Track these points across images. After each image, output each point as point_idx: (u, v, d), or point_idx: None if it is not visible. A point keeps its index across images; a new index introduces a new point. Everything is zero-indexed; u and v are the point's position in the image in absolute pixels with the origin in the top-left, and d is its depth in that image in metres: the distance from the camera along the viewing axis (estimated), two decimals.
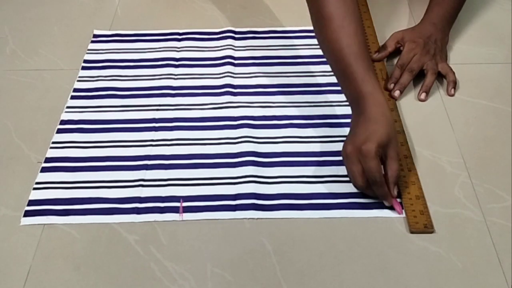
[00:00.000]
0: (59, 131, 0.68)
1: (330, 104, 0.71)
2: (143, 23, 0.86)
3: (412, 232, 0.56)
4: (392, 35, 0.78)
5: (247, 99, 0.72)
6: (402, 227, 0.57)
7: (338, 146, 0.64)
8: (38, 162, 0.64)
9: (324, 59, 0.75)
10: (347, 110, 0.69)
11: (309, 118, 0.69)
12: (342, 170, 0.62)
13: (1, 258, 0.56)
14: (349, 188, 0.61)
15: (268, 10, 0.88)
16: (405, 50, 0.74)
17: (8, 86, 0.76)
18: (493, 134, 0.67)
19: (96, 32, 0.84)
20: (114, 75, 0.76)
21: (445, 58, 0.75)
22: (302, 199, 0.60)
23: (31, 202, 0.60)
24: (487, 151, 0.65)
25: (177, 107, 0.71)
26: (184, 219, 0.59)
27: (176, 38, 0.82)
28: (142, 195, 0.61)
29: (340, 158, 0.62)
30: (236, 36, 0.82)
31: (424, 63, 0.72)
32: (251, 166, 0.63)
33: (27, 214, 0.59)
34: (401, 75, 0.72)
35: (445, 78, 0.73)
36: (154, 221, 0.58)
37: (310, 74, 0.75)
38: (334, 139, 0.66)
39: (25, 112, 0.71)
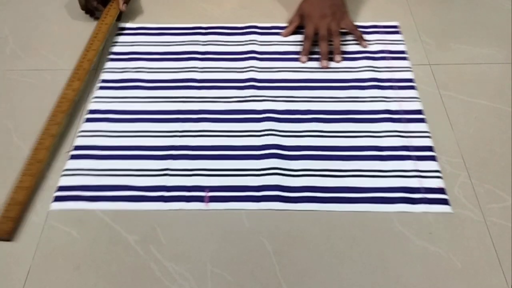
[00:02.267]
0: (87, 120, 0.69)
1: (354, 100, 0.71)
2: (143, 23, 0.86)
3: None
4: (297, 7, 0.81)
5: (271, 93, 0.73)
6: (402, 227, 0.57)
7: (362, 141, 0.66)
8: (66, 152, 0.65)
9: (348, 55, 0.78)
10: (371, 106, 0.70)
11: (332, 113, 0.70)
12: (366, 165, 0.63)
13: (1, 258, 0.56)
14: (374, 183, 0.61)
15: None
16: (306, 20, 0.78)
17: (8, 86, 0.76)
18: (493, 134, 0.67)
19: (122, 25, 0.85)
20: (140, 67, 0.77)
21: (346, 12, 0.79)
22: (327, 192, 0.61)
23: (61, 188, 0.61)
24: (487, 151, 0.65)
25: (202, 99, 0.72)
26: (209, 208, 0.59)
27: (201, 32, 0.83)
28: (168, 184, 0.62)
29: (365, 152, 0.64)
30: (260, 31, 0.83)
31: (329, 25, 0.76)
32: (276, 159, 0.64)
33: (57, 199, 0.60)
34: (311, 45, 0.77)
35: (352, 34, 0.79)
36: (180, 209, 0.59)
37: (334, 70, 0.76)
38: (358, 134, 0.67)
39: (25, 112, 0.71)
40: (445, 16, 0.86)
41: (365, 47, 0.77)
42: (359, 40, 0.79)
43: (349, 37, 0.81)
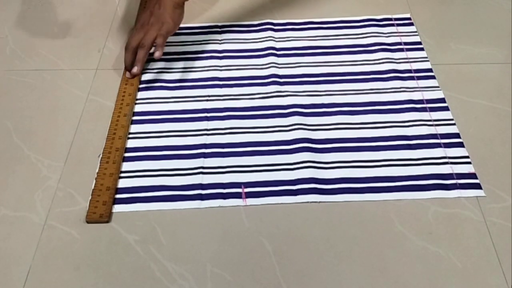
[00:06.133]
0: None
1: (376, 91, 0.73)
2: None
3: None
4: None
5: (294, 88, 0.74)
6: (402, 227, 0.57)
7: (389, 132, 0.67)
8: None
9: (364, 48, 0.79)
10: (393, 97, 0.72)
11: (357, 105, 0.71)
12: (396, 154, 0.64)
13: (1, 258, 0.56)
14: (406, 171, 0.62)
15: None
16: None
17: (8, 86, 0.76)
18: (493, 134, 0.67)
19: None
20: (160, 67, 0.78)
21: (161, 24, 0.74)
22: (361, 182, 0.61)
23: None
24: (487, 151, 0.65)
25: (226, 97, 0.73)
26: (247, 204, 0.60)
27: (217, 31, 0.84)
28: (204, 182, 0.62)
29: (393, 142, 0.65)
30: (275, 28, 0.84)
31: (142, 38, 0.73)
32: (307, 152, 0.65)
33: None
34: (129, 56, 0.74)
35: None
36: (219, 207, 0.60)
37: (353, 63, 0.77)
38: (384, 125, 0.68)
39: (25, 112, 0.71)
40: (445, 16, 0.86)
41: (157, 57, 0.72)
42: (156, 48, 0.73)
43: (366, 30, 0.83)
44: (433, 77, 0.74)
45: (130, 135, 0.68)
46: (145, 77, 0.76)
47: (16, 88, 0.75)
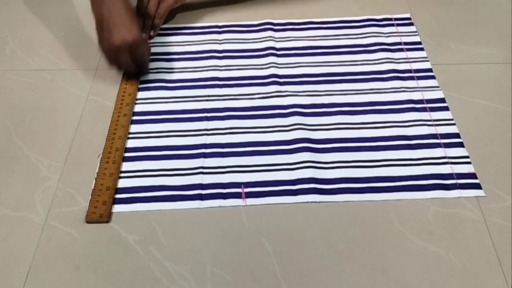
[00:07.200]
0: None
1: (376, 91, 0.73)
2: None
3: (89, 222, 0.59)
4: None
5: (294, 88, 0.74)
6: (402, 227, 0.57)
7: (389, 132, 0.67)
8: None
9: (364, 48, 0.80)
10: (393, 97, 0.72)
11: (357, 105, 0.71)
12: (396, 154, 0.64)
13: (1, 258, 0.56)
14: (406, 171, 0.62)
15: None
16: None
17: (8, 86, 0.76)
18: (493, 134, 0.67)
19: None
20: (160, 67, 0.78)
21: None
22: (361, 182, 0.61)
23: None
24: (487, 151, 0.65)
25: (226, 97, 0.73)
26: (247, 204, 0.60)
27: (216, 31, 0.84)
28: (204, 182, 0.62)
29: (393, 142, 0.65)
30: (275, 28, 0.84)
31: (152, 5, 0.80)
32: (307, 152, 0.65)
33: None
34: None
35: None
36: (219, 206, 0.60)
37: (352, 63, 0.77)
38: (384, 125, 0.68)
39: (25, 112, 0.71)
40: (445, 16, 0.86)
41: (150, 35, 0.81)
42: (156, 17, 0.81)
43: (366, 30, 0.83)
44: (433, 77, 0.74)
45: (130, 135, 0.68)
46: (145, 77, 0.76)
47: (16, 88, 0.75)
